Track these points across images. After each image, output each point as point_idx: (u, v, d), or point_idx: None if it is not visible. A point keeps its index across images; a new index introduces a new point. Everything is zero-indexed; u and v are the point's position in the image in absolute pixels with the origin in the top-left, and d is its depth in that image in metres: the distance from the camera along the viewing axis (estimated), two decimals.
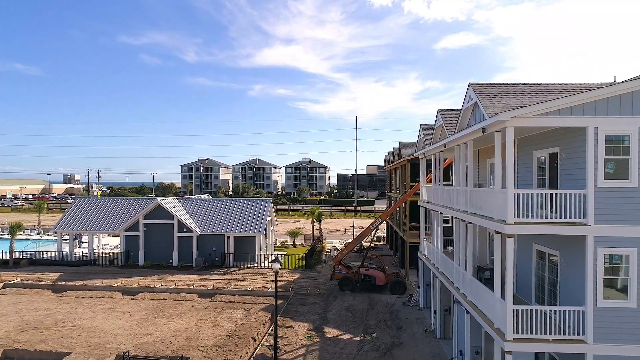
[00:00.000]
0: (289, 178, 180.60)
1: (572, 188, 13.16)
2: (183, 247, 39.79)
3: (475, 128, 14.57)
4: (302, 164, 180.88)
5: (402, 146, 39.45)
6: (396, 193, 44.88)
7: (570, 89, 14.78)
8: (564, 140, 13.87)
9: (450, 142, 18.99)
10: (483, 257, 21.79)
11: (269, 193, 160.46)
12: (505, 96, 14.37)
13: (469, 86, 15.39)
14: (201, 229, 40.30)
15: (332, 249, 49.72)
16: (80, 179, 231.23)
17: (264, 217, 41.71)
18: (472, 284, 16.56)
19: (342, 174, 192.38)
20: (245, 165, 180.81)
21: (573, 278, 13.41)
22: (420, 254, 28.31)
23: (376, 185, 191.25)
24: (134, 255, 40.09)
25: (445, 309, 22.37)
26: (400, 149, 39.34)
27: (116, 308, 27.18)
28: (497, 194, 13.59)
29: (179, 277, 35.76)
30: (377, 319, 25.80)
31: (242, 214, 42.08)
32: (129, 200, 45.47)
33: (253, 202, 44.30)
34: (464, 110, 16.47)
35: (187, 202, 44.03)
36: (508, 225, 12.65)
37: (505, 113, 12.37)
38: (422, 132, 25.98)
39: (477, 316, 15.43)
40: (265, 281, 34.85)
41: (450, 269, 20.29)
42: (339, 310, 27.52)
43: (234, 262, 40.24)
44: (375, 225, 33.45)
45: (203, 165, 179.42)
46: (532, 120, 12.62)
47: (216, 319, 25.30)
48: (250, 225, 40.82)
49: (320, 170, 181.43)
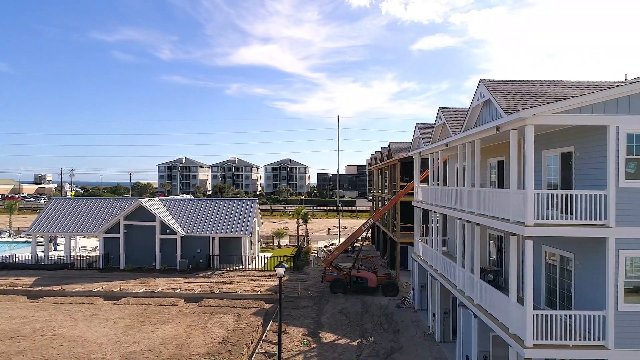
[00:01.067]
0: (268, 178, 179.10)
1: (589, 188, 12.76)
2: (166, 249, 38.39)
3: (489, 126, 14.06)
4: (282, 163, 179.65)
5: (392, 145, 39.02)
6: (384, 193, 44.45)
7: (583, 87, 14.44)
8: (579, 139, 13.48)
9: (455, 141, 18.50)
10: (484, 259, 21.39)
11: (249, 193, 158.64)
12: (519, 93, 13.92)
13: (480, 83, 14.90)
14: (185, 230, 38.97)
15: (319, 249, 49.01)
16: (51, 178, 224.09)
17: (250, 218, 40.66)
18: (480, 287, 16.08)
19: (322, 173, 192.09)
20: (224, 165, 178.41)
21: (590, 281, 13.02)
22: (415, 255, 27.85)
23: (356, 185, 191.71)
24: (115, 258, 38.45)
25: (445, 312, 21.91)
26: (390, 148, 38.90)
27: (98, 314, 25.79)
28: (514, 195, 13.10)
29: (163, 280, 34.41)
30: (373, 322, 25.20)
31: (228, 215, 40.91)
32: (108, 201, 43.71)
33: (239, 202, 43.17)
34: (473, 108, 15.98)
35: (170, 203, 42.59)
36: (527, 227, 12.16)
37: (527, 110, 11.87)
38: (418, 131, 25.50)
39: (487, 321, 14.94)
40: (253, 284, 33.85)
41: (452, 271, 19.82)
42: (333, 313, 26.81)
43: (219, 265, 39.05)
44: (367, 226, 32.88)
45: (181, 165, 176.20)
46: (552, 118, 12.16)
47: (206, 324, 24.24)
48: (236, 226, 39.69)
49: (300, 170, 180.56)
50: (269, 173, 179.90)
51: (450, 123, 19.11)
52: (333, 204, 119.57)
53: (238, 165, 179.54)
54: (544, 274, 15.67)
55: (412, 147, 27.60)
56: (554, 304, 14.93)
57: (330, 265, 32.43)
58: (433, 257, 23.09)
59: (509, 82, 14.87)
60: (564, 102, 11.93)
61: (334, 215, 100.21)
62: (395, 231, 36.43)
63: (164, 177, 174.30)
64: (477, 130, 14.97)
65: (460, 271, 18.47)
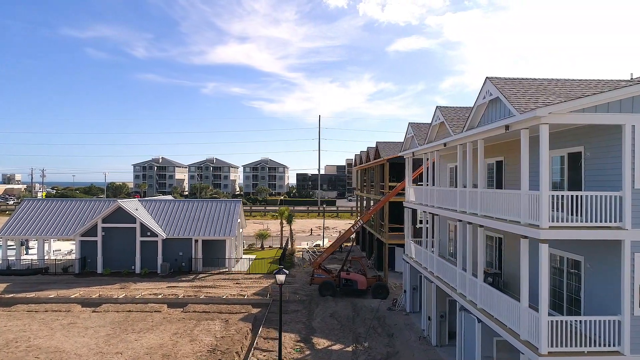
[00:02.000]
0: (247, 178, 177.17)
1: (601, 190, 12.39)
2: (147, 252, 36.95)
3: (497, 125, 13.58)
4: (260, 163, 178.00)
5: (380, 145, 38.55)
6: (370, 193, 43.98)
7: (591, 85, 14.13)
8: (589, 139, 13.12)
9: (455, 140, 18.02)
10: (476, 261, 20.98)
11: (227, 193, 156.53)
12: (528, 91, 13.50)
13: (487, 81, 14.42)
14: (166, 232, 37.61)
15: (303, 251, 48.22)
16: (21, 178, 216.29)
17: (235, 219, 39.57)
18: (484, 291, 15.62)
19: (301, 173, 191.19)
20: (201, 165, 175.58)
21: (601, 285, 12.66)
22: (406, 256, 27.38)
23: (335, 185, 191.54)
24: (92, 262, 36.80)
25: (441, 315, 21.46)
26: (377, 148, 38.42)
27: (77, 323, 24.39)
28: (525, 196, 12.63)
29: (144, 285, 33.04)
30: (366, 326, 24.58)
31: (211, 216, 39.71)
32: (84, 202, 41.90)
33: (222, 203, 41.99)
34: (477, 107, 15.51)
35: (150, 204, 41.10)
36: (543, 230, 11.68)
37: (543, 108, 11.40)
38: (411, 131, 25.00)
39: (494, 326, 14.47)
40: (239, 288, 32.82)
41: (450, 274, 19.36)
42: (324, 317, 26.07)
43: (202, 268, 37.84)
44: (357, 227, 32.28)
45: (157, 165, 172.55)
46: (568, 116, 11.73)
47: (192, 332, 23.17)
48: (219, 228, 38.55)
49: (279, 170, 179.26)
50: (247, 173, 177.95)
51: (450, 122, 18.63)
52: (314, 204, 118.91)
53: (216, 165, 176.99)
54: (549, 276, 15.27)
55: (404, 146, 27.11)
56: (559, 308, 14.56)
57: (319, 268, 31.71)
58: (428, 259, 22.61)
59: (516, 80, 14.44)
60: (580, 101, 11.51)
61: (315, 215, 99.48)
62: (383, 232, 35.94)
63: (140, 177, 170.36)
64: (484, 129, 14.48)
65: (461, 274, 18.00)
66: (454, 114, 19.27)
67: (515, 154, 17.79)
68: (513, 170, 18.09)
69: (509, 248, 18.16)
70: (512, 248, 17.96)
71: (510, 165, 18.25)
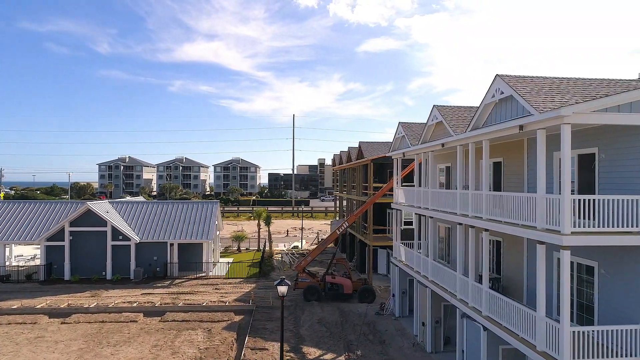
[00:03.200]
0: (218, 178, 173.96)
1: (618, 193, 11.91)
2: (119, 257, 34.94)
3: (511, 125, 12.93)
4: (232, 163, 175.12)
5: (363, 145, 37.84)
6: (351, 194, 43.22)
7: (603, 84, 13.69)
8: (604, 140, 12.63)
9: (455, 140, 17.35)
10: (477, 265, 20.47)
11: (197, 193, 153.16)
12: (542, 89, 12.93)
13: (497, 78, 13.77)
14: (140, 236, 35.70)
15: (282, 253, 47.01)
16: None
17: (212, 222, 38.01)
18: (491, 298, 14.99)
19: (273, 173, 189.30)
20: (170, 164, 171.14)
21: (619, 292, 12.18)
22: (395, 259, 26.70)
23: (307, 185, 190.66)
24: (59, 268, 34.49)
25: (436, 321, 20.82)
26: (360, 148, 37.69)
27: (45, 337, 22.48)
28: (541, 200, 12.00)
29: (117, 292, 31.13)
30: (356, 332, 23.71)
31: (187, 219, 38.00)
32: (49, 205, 39.36)
33: (199, 205, 40.30)
34: (484, 106, 14.86)
35: (122, 206, 38.99)
36: (565, 236, 11.05)
37: (567, 108, 10.77)
38: (402, 130, 24.29)
39: (505, 335, 13.84)
40: (219, 293, 31.37)
41: (449, 279, 18.72)
42: (312, 324, 25.05)
43: (178, 273, 36.11)
44: (343, 229, 31.38)
45: (123, 164, 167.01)
46: (590, 116, 11.15)
47: (174, 344, 21.71)
48: (196, 231, 36.92)
49: (251, 170, 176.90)
50: (218, 173, 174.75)
51: (449, 122, 17.97)
52: (287, 205, 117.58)
53: (186, 164, 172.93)
54: (556, 282, 14.79)
55: (393, 147, 26.40)
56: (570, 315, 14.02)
57: (303, 272, 30.64)
58: (421, 263, 21.94)
59: (527, 77, 13.86)
60: (605, 100, 10.97)
61: (289, 216, 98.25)
62: (366, 234, 35.24)
63: (106, 177, 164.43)
64: (494, 129, 13.82)
65: (462, 279, 17.36)
66: (454, 114, 18.64)
67: (515, 155, 17.34)
68: (513, 171, 17.61)
69: (509, 252, 17.66)
70: (512, 252, 17.47)
71: (510, 166, 17.76)
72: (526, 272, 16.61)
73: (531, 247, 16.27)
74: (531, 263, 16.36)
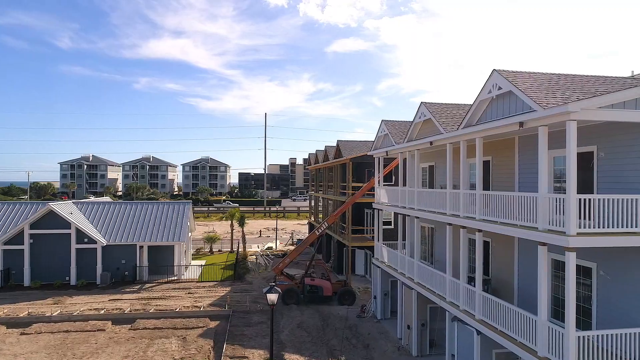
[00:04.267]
0: (187, 177, 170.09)
1: (618, 192, 11.58)
2: (84, 261, 32.97)
3: (511, 121, 12.43)
4: (201, 162, 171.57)
5: (341, 144, 37.13)
6: (327, 194, 42.48)
7: (599, 82, 13.38)
8: (603, 138, 12.31)
9: (446, 139, 16.82)
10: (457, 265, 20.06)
11: (165, 193, 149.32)
12: (542, 85, 12.49)
13: (495, 73, 13.27)
14: (107, 238, 33.82)
15: (256, 254, 45.80)
16: None
17: (184, 223, 36.48)
18: (486, 301, 14.50)
19: (243, 173, 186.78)
20: (137, 163, 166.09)
21: (621, 294, 11.85)
22: (377, 260, 26.10)
23: (279, 185, 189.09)
24: (18, 273, 32.23)
25: (422, 324, 20.30)
26: (338, 147, 36.97)
27: (2, 349, 20.67)
28: (545, 200, 11.53)
29: (82, 298, 29.28)
30: (338, 336, 22.95)
31: (158, 220, 36.31)
32: (7, 206, 36.83)
33: (170, 205, 38.62)
34: (480, 102, 14.35)
35: (88, 207, 36.91)
36: (572, 237, 10.59)
37: (574, 103, 10.31)
38: (385, 128, 23.66)
39: (501, 340, 13.36)
40: (192, 298, 29.99)
41: (437, 282, 18.20)
42: (292, 329, 24.12)
43: (148, 277, 34.43)
44: (322, 230, 30.57)
45: (87, 163, 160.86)
46: (597, 113, 10.73)
47: (146, 354, 20.35)
48: (167, 232, 35.31)
49: (221, 169, 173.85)
50: (187, 172, 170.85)
51: (439, 119, 17.42)
52: (259, 204, 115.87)
53: (153, 163, 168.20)
54: (550, 284, 14.43)
55: (375, 145, 25.78)
56: (562, 316, 13.66)
57: (281, 274, 29.68)
58: (406, 265, 21.39)
59: (526, 73, 13.42)
60: (611, 96, 10.58)
61: (261, 216, 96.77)
62: (344, 234, 34.58)
63: (68, 177, 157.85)
64: (492, 125, 13.30)
65: (452, 282, 16.86)
66: (442, 111, 18.11)
67: (505, 154, 16.97)
68: (502, 171, 17.26)
69: (498, 252, 17.28)
70: (501, 252, 17.10)
71: (499, 166, 17.40)
72: (517, 273, 16.25)
73: (523, 247, 15.93)
74: (522, 264, 16.02)
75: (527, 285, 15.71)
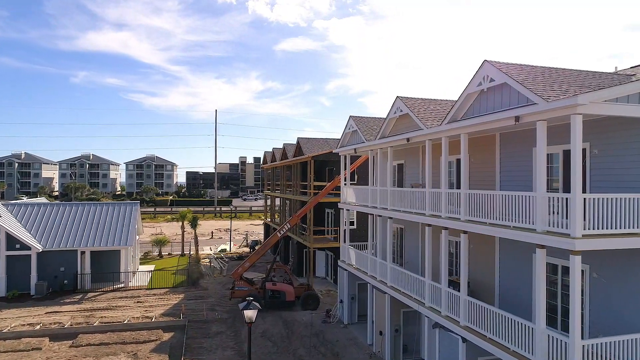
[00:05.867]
0: (130, 176, 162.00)
1: (612, 191, 11.10)
2: (16, 269, 29.52)
3: (506, 115, 11.63)
4: (146, 160, 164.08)
5: (302, 141, 35.72)
6: (285, 193, 40.96)
7: (589, 76, 12.90)
8: (597, 135, 11.79)
9: (426, 135, 15.93)
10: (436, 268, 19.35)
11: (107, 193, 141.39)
12: (538, 78, 11.79)
13: (485, 64, 12.42)
14: (43, 244, 30.51)
15: (210, 257, 43.43)
16: None
17: (132, 225, 33.70)
18: (473, 307, 13.70)
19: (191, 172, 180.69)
20: (75, 162, 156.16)
21: (614, 297, 11.37)
22: (343, 263, 25.00)
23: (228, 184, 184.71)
24: None
25: (396, 329, 19.38)
26: (299, 144, 35.54)
27: None
28: (543, 199, 10.79)
29: (14, 312, 26.04)
30: (305, 345, 21.60)
31: (102, 223, 33.29)
32: None
33: (116, 206, 35.57)
34: (466, 96, 13.48)
35: (21, 209, 33.23)
36: (578, 240, 9.87)
37: (583, 96, 9.58)
38: (354, 125, 22.55)
39: (492, 348, 12.58)
40: (142, 308, 27.52)
41: (414, 285, 17.31)
42: (255, 338, 22.38)
43: (91, 285, 31.43)
44: (284, 232, 29.03)
45: (18, 161, 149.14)
46: (603, 107, 10.08)
47: None
48: (113, 236, 32.43)
49: (167, 168, 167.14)
50: (131, 171, 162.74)
51: (418, 115, 16.49)
52: (209, 204, 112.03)
53: (93, 162, 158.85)
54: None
55: (342, 142, 24.64)
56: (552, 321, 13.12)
57: (241, 279, 27.88)
58: (379, 267, 20.40)
59: (517, 65, 12.67)
60: (619, 89, 9.96)
61: (211, 216, 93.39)
62: (305, 235, 33.26)
63: None
64: (483, 120, 12.45)
65: (432, 286, 16.00)
66: (422, 106, 17.23)
67: (483, 151, 16.35)
68: (479, 169, 16.63)
69: (477, 253, 16.62)
70: (480, 253, 16.47)
71: (477, 164, 16.75)
72: (498, 275, 15.66)
73: (504, 248, 15.36)
74: (504, 265, 15.45)
75: (509, 287, 15.14)
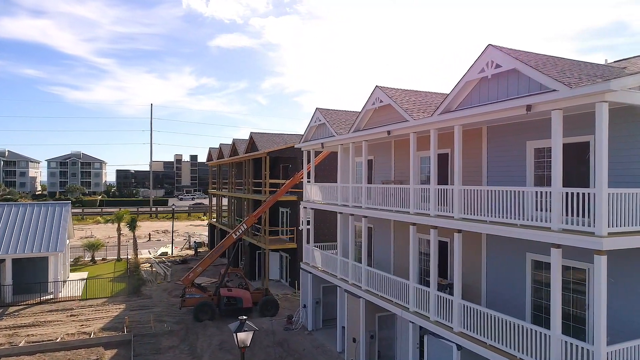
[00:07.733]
0: (53, 175, 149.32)
1: (618, 185, 10.57)
2: None
3: (517, 104, 10.69)
4: (71, 157, 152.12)
5: (256, 136, 33.59)
6: (236, 192, 38.62)
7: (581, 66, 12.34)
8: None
9: (410, 127, 14.82)
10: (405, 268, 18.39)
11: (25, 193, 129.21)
12: (547, 65, 10.95)
13: (490, 48, 11.42)
14: None
15: (150, 261, 40.00)
16: None
17: (62, 228, 29.94)
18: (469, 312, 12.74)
19: (122, 170, 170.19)
20: None
21: (626, 298, 10.83)
22: (307, 265, 23.48)
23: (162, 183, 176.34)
24: None
25: (371, 335, 18.18)
26: (253, 139, 33.38)
27: None
28: (558, 195, 9.98)
29: None
30: (269, 356, 19.85)
31: (26, 226, 29.24)
32: None
33: (43, 207, 31.46)
34: (465, 84, 12.45)
35: None
36: (605, 239, 9.10)
37: (615, 81, 8.79)
38: (320, 118, 21.04)
39: (496, 357, 11.63)
40: (77, 322, 24.27)
41: (394, 289, 16.18)
42: (213, 351, 20.35)
43: (13, 298, 27.42)
44: (240, 233, 26.88)
45: None
46: (626, 95, 9.38)
47: None
48: (40, 240, 28.56)
49: (95, 166, 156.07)
50: (53, 169, 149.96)
51: (402, 105, 15.33)
52: (143, 205, 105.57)
53: (9, 158, 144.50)
54: (530, 287, 13.22)
55: (306, 136, 23.09)
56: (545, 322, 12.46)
57: (192, 286, 25.45)
58: (351, 270, 19.09)
59: (523, 52, 11.76)
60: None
61: (146, 217, 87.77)
62: (260, 236, 31.33)
63: None
64: (487, 110, 11.45)
65: (419, 289, 14.93)
66: (404, 97, 16.09)
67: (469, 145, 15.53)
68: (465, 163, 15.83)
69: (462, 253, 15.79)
70: (465, 253, 15.64)
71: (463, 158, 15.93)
72: (485, 275, 14.92)
73: (492, 247, 14.64)
74: (491, 265, 14.72)
75: (496, 288, 14.44)
